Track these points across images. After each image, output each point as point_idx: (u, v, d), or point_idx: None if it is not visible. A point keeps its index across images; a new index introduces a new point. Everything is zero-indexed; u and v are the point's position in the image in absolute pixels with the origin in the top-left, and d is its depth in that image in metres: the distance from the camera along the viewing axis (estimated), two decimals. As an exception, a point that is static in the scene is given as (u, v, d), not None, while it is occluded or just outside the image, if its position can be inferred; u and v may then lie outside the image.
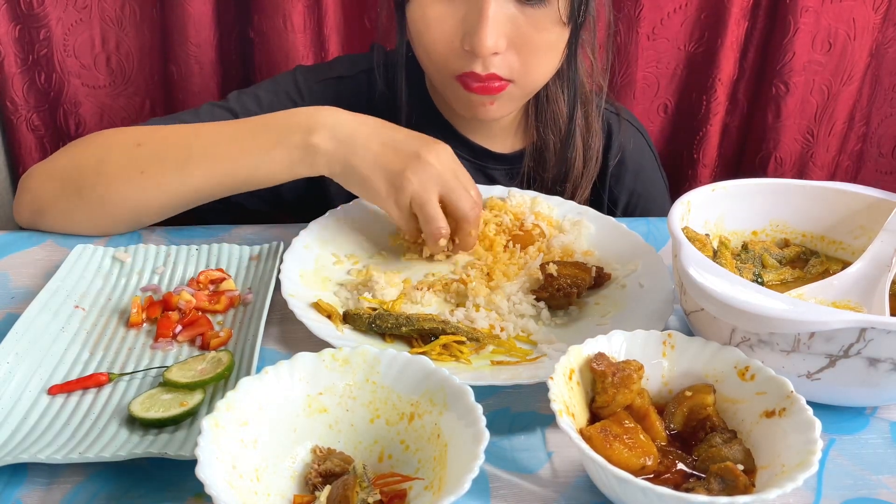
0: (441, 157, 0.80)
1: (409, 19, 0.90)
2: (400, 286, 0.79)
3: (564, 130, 1.02)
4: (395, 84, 1.00)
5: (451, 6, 0.85)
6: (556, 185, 1.04)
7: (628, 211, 1.14)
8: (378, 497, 0.53)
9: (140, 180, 0.83)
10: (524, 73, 0.89)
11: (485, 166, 1.06)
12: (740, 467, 0.53)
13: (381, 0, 1.10)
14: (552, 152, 1.04)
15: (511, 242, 0.87)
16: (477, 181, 1.07)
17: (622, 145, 1.10)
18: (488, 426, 0.52)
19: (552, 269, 0.79)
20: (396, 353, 0.59)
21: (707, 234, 0.78)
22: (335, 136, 0.80)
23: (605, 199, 1.12)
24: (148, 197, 0.85)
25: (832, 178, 1.48)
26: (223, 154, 0.83)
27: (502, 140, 1.06)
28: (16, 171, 1.33)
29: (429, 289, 0.79)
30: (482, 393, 0.63)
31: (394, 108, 1.01)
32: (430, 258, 0.86)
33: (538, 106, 1.04)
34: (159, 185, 0.84)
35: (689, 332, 0.66)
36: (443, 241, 0.81)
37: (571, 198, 1.04)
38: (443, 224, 0.80)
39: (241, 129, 0.84)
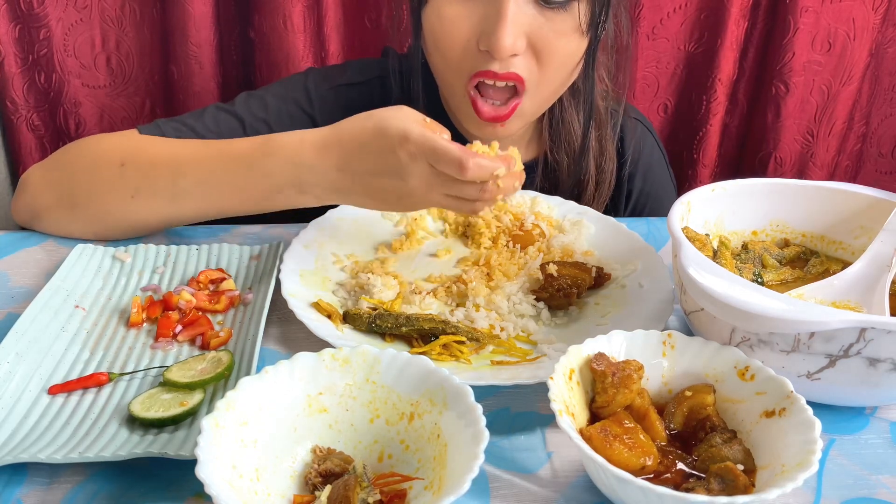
0: (425, 180, 0.73)
1: (425, 21, 0.89)
2: (397, 287, 0.79)
3: (577, 152, 1.02)
4: (411, 90, 0.99)
5: (468, 6, 0.84)
6: None
7: (637, 210, 1.13)
8: (378, 497, 0.53)
9: (132, 203, 0.83)
10: (541, 77, 0.87)
11: None
12: (740, 467, 0.53)
13: (394, 4, 1.09)
14: (565, 173, 1.03)
15: (511, 242, 0.87)
16: None
17: (633, 147, 1.09)
18: (488, 426, 0.52)
19: (552, 269, 0.79)
20: (396, 353, 0.59)
21: (707, 234, 0.78)
22: (325, 190, 0.78)
23: (623, 199, 1.10)
24: (142, 217, 0.85)
25: (832, 178, 1.48)
26: (213, 194, 0.81)
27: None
28: (16, 171, 1.33)
29: (428, 294, 0.79)
30: (482, 393, 0.63)
31: None
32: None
33: (552, 125, 1.02)
34: (152, 210, 0.84)
35: (689, 332, 0.66)
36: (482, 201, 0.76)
37: None
38: (468, 208, 0.76)
39: (227, 172, 0.80)
